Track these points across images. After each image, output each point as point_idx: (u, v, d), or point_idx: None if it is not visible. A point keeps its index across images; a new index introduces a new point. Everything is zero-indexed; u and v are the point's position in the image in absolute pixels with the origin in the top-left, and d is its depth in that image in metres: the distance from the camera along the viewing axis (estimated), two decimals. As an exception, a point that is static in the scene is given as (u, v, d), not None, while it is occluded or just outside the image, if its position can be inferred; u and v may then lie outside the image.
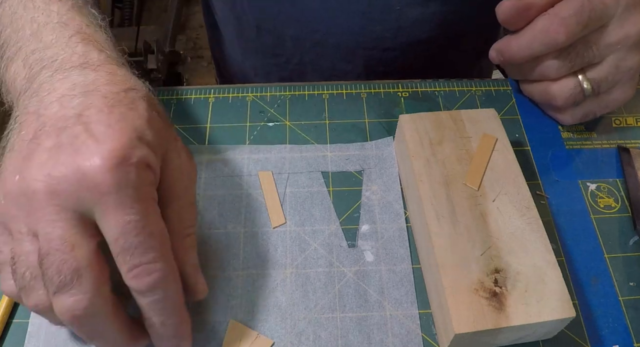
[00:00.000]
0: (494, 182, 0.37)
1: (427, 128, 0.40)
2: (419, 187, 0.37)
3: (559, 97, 0.41)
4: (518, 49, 0.41)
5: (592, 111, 0.43)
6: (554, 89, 0.42)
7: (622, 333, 0.36)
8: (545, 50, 0.39)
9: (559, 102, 0.42)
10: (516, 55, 0.41)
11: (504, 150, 0.39)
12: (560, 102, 0.42)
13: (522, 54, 0.41)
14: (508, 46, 0.41)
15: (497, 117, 0.40)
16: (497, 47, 0.42)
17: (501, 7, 0.40)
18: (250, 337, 0.35)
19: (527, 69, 0.42)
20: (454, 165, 0.38)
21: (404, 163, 0.41)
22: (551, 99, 0.42)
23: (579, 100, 0.42)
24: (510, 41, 0.41)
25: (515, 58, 0.41)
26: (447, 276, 0.33)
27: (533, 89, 0.44)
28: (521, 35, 0.40)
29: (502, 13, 0.40)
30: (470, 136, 0.39)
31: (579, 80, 0.41)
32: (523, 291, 0.32)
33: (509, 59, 0.42)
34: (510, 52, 0.41)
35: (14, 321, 0.36)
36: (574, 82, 0.41)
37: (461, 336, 0.31)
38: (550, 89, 0.42)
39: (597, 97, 0.42)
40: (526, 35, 0.40)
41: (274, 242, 0.39)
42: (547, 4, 0.39)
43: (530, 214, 0.36)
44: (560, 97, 0.41)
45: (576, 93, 0.41)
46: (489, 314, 0.32)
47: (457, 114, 0.40)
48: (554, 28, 0.38)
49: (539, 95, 0.44)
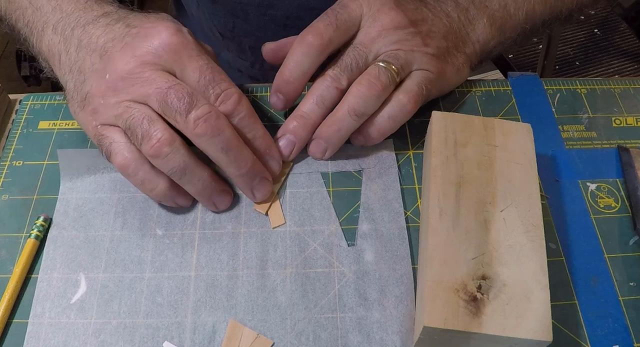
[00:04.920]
0: (507, 193, 0.37)
1: (455, 128, 0.39)
2: (431, 182, 0.37)
3: (376, 82, 0.40)
4: (290, 73, 0.41)
5: (421, 85, 0.42)
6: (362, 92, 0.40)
7: (622, 333, 0.36)
8: (310, 60, 0.40)
9: (379, 86, 0.40)
10: (290, 78, 0.41)
11: (527, 165, 0.38)
12: (379, 87, 0.40)
13: (296, 74, 0.41)
14: (281, 77, 0.41)
15: (530, 131, 0.40)
16: (274, 88, 0.42)
17: (264, 49, 0.46)
18: (250, 337, 0.35)
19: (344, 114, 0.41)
20: (472, 169, 0.38)
21: (426, 158, 0.41)
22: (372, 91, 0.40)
23: (391, 80, 0.40)
24: (280, 72, 0.42)
25: (292, 83, 0.41)
26: (432, 269, 0.33)
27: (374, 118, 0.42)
28: (286, 59, 0.41)
29: (265, 54, 0.46)
30: (497, 145, 0.39)
31: (378, 66, 0.40)
32: (504, 303, 0.32)
33: (289, 91, 0.42)
34: (285, 79, 0.41)
35: (14, 321, 0.36)
36: (375, 69, 0.40)
37: (430, 330, 0.32)
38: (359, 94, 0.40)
39: (416, 72, 0.42)
40: (290, 57, 0.41)
41: (274, 242, 0.39)
42: None
43: (535, 232, 0.35)
44: (376, 81, 0.40)
45: (383, 72, 0.40)
46: (462, 316, 0.32)
47: (491, 122, 0.40)
48: (306, 36, 0.40)
49: (371, 105, 0.41)
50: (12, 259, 0.38)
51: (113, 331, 0.36)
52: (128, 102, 0.36)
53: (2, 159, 0.44)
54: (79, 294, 0.37)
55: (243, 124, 0.38)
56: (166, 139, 0.35)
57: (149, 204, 0.41)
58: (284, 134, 0.42)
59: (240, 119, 0.38)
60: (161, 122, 0.36)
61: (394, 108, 0.41)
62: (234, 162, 0.37)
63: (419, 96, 0.42)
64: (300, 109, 0.42)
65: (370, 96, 0.40)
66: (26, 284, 0.38)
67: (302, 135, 0.42)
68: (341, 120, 0.40)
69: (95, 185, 0.42)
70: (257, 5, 0.55)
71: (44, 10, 0.41)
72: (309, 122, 0.41)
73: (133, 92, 0.36)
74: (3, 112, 0.47)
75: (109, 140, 0.37)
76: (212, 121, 0.35)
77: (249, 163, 0.38)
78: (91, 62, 0.38)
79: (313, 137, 0.42)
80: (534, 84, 0.49)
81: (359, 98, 0.40)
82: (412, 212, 0.41)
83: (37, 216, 0.40)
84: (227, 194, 0.40)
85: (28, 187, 0.42)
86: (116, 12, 0.40)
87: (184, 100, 0.35)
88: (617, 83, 0.49)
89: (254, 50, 0.62)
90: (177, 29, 0.37)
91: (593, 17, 1.21)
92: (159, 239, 0.39)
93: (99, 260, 0.38)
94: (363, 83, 0.40)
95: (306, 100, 0.42)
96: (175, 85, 0.36)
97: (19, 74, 1.37)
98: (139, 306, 0.36)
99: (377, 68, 0.40)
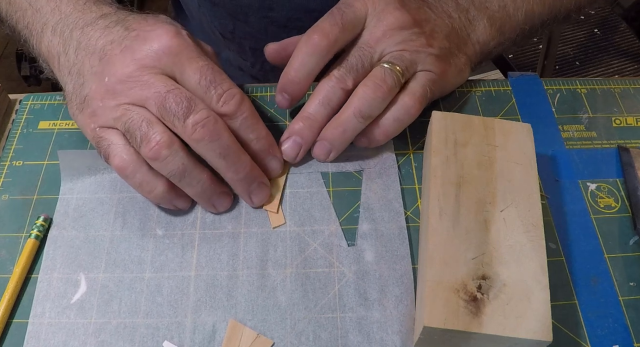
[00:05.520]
0: (507, 193, 0.37)
1: (455, 128, 0.40)
2: (431, 182, 0.37)
3: (382, 84, 0.40)
4: (296, 73, 0.41)
5: (425, 87, 0.42)
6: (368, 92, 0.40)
7: (622, 333, 0.36)
8: (316, 61, 0.40)
9: (384, 88, 0.40)
10: (296, 78, 0.41)
11: (527, 165, 0.38)
12: (385, 89, 0.40)
13: (301, 74, 0.40)
14: (286, 77, 0.41)
15: (530, 131, 0.40)
16: (279, 88, 0.42)
17: (267, 50, 0.45)
18: (250, 337, 0.35)
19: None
20: (472, 169, 0.38)
21: (426, 158, 0.41)
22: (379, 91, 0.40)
23: (396, 82, 0.40)
24: (286, 72, 0.41)
25: (297, 83, 0.41)
26: (432, 270, 0.33)
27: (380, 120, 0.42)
28: (292, 59, 0.41)
29: (268, 55, 0.45)
30: (497, 145, 0.39)
31: (384, 68, 0.40)
32: (504, 303, 0.32)
33: (294, 91, 0.41)
34: (290, 79, 0.41)
35: (14, 321, 0.36)
36: (381, 71, 0.40)
37: (430, 330, 0.32)
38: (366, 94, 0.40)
39: (419, 74, 0.42)
40: (295, 57, 0.41)
41: (274, 242, 0.39)
42: None
43: (535, 232, 0.35)
44: (382, 83, 0.40)
45: (389, 74, 0.40)
46: (463, 316, 0.32)
47: (491, 122, 0.40)
48: (312, 36, 0.40)
49: (377, 106, 0.41)
50: (12, 259, 0.38)
51: (113, 330, 0.36)
52: (127, 105, 0.36)
53: (2, 159, 0.44)
54: (79, 294, 0.37)
55: (246, 124, 0.38)
56: (165, 142, 0.35)
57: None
58: (290, 135, 0.42)
59: (242, 120, 0.38)
60: (160, 125, 0.36)
61: (400, 110, 0.41)
62: (232, 167, 0.37)
63: (423, 98, 0.42)
64: (305, 110, 0.42)
65: (376, 98, 0.40)
66: (26, 284, 0.38)
67: (309, 136, 0.41)
68: (346, 122, 0.40)
69: (95, 185, 0.42)
70: (258, 7, 0.55)
71: (43, 12, 0.41)
72: (315, 124, 0.41)
73: (132, 96, 0.36)
74: (3, 112, 0.47)
75: (107, 142, 0.37)
76: (210, 126, 0.35)
77: (247, 168, 0.38)
78: (90, 64, 0.38)
79: (317, 139, 0.42)
80: (534, 84, 0.49)
81: (365, 100, 0.40)
82: (412, 212, 0.41)
83: (37, 216, 0.40)
84: (227, 195, 0.40)
85: (28, 187, 0.42)
86: (115, 13, 0.40)
87: (182, 105, 0.35)
88: (617, 83, 0.49)
89: (255, 52, 0.62)
90: (177, 32, 0.37)
91: (593, 17, 1.21)
92: (159, 239, 0.39)
93: (99, 260, 0.38)
94: (369, 85, 0.40)
95: (311, 101, 0.41)
96: (174, 90, 0.36)
97: (19, 74, 1.37)
98: (139, 306, 0.36)
99: (383, 70, 0.40)
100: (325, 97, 0.41)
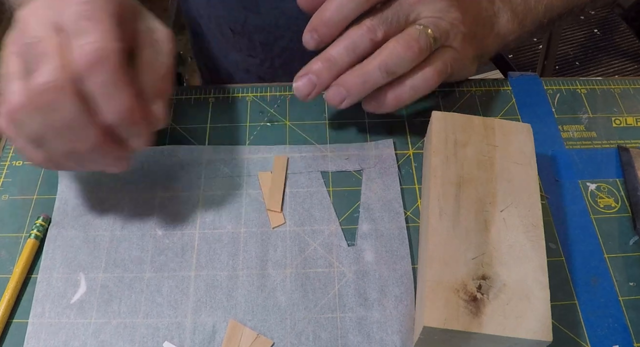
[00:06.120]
0: (507, 193, 0.37)
1: (455, 128, 0.39)
2: (431, 182, 0.37)
3: (414, 44, 0.39)
4: (331, 14, 0.39)
5: (446, 63, 0.41)
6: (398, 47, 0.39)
7: (622, 333, 0.36)
8: (354, 7, 0.38)
9: (416, 48, 0.39)
10: (330, 21, 0.39)
11: (527, 165, 0.38)
12: (416, 49, 0.39)
13: (337, 17, 0.39)
14: (320, 17, 0.39)
15: (530, 131, 0.40)
16: (310, 27, 0.40)
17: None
18: (250, 338, 0.35)
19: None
20: (472, 169, 0.38)
21: (426, 158, 0.41)
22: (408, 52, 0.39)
23: (428, 46, 0.39)
24: (321, 12, 0.39)
25: (330, 26, 0.39)
26: (432, 270, 0.33)
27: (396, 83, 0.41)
28: (328, 2, 0.39)
29: (300, 1, 0.41)
30: (497, 145, 0.39)
31: (419, 29, 0.39)
32: (504, 303, 0.32)
33: (325, 34, 0.40)
34: (324, 20, 0.39)
35: (13, 321, 0.36)
36: (416, 31, 0.39)
37: (430, 330, 0.32)
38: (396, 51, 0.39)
39: (444, 49, 0.41)
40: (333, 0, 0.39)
41: (274, 242, 0.39)
42: None
43: (535, 232, 0.35)
44: (415, 43, 0.39)
45: (424, 36, 0.39)
46: (463, 316, 0.32)
47: (491, 122, 0.40)
48: None
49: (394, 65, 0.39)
50: (12, 259, 0.38)
51: (113, 330, 0.36)
52: None
53: (2, 159, 0.44)
54: (79, 294, 0.37)
55: (103, 88, 0.31)
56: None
57: (149, 204, 0.41)
58: (306, 73, 0.40)
59: (101, 83, 0.31)
60: None
61: (419, 79, 0.40)
62: None
63: (443, 73, 0.41)
64: (328, 51, 0.39)
65: (405, 57, 0.38)
66: (26, 284, 0.38)
67: (325, 78, 0.40)
68: (369, 73, 0.39)
69: (94, 184, 0.42)
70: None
71: None
72: (335, 67, 0.39)
73: None
74: (3, 112, 0.47)
75: None
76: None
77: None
78: None
79: (334, 84, 0.40)
80: (534, 84, 0.49)
81: (394, 56, 0.38)
82: (412, 212, 0.41)
83: (37, 216, 0.40)
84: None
85: (28, 187, 0.42)
86: None
87: None
88: (617, 83, 0.49)
89: (265, 47, 0.61)
90: None
91: (593, 17, 1.21)
92: (159, 239, 0.39)
93: (99, 260, 0.38)
94: (401, 42, 0.38)
95: (336, 44, 0.39)
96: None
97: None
98: (138, 306, 0.36)
99: (418, 31, 0.39)
100: (352, 43, 0.39)
